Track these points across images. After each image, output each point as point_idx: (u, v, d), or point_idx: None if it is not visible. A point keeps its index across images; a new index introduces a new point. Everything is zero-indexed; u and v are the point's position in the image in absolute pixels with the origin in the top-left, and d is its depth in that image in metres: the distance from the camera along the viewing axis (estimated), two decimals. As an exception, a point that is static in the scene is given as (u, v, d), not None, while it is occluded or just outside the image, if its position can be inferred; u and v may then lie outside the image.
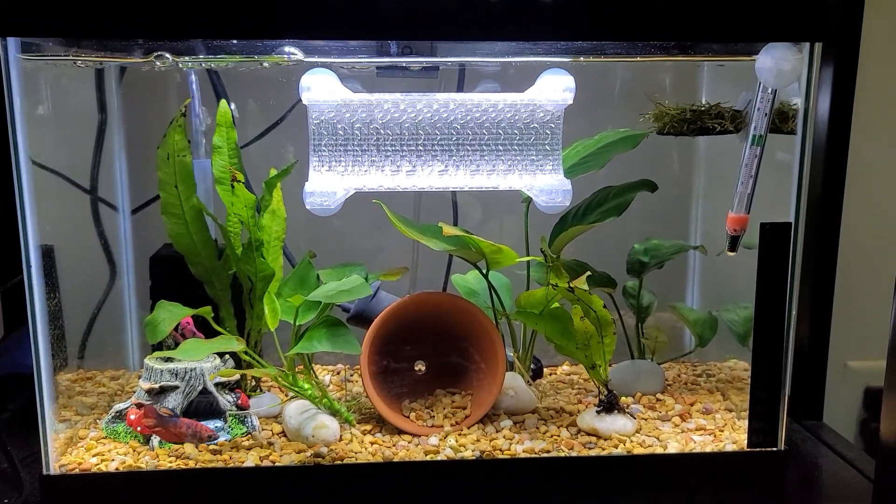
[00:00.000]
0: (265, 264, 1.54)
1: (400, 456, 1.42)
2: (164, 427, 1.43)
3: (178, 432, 1.43)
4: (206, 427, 1.46)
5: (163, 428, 1.43)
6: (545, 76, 1.46)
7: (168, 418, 1.43)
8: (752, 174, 1.43)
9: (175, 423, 1.43)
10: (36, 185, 1.32)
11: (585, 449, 1.45)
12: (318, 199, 1.45)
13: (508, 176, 1.48)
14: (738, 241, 1.47)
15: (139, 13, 1.24)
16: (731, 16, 1.30)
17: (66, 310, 1.47)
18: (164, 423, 1.43)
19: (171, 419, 1.43)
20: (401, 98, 1.44)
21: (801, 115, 1.37)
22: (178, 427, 1.43)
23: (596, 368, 1.53)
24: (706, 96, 1.78)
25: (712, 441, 1.49)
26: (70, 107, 1.71)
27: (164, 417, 1.43)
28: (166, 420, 1.43)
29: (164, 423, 1.43)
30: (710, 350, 1.82)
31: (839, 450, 1.58)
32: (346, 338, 1.49)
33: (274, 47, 1.48)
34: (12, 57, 1.25)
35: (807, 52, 1.34)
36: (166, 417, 1.43)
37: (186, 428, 1.44)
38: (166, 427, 1.43)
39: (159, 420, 1.43)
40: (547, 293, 1.54)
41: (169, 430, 1.43)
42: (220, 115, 1.55)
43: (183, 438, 1.44)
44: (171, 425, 1.43)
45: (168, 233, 1.57)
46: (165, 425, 1.43)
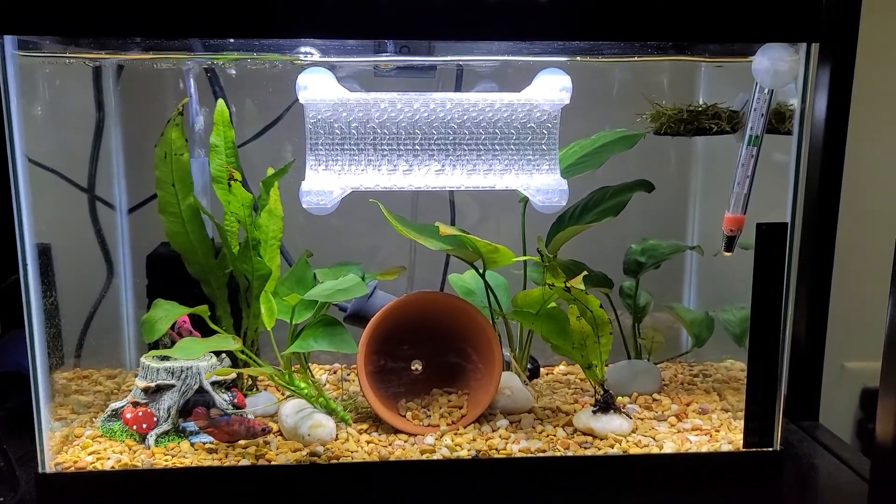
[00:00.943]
0: (262, 263, 1.54)
1: (396, 455, 1.42)
2: (217, 427, 1.41)
3: (230, 430, 1.41)
4: (257, 421, 1.43)
5: (215, 428, 1.41)
6: (542, 76, 1.46)
7: (219, 418, 1.41)
8: (749, 174, 1.43)
9: (227, 422, 1.41)
10: (33, 183, 1.32)
11: (581, 449, 1.45)
12: (314, 198, 1.45)
13: (505, 175, 1.48)
14: (734, 242, 1.47)
15: (137, 12, 1.24)
16: (727, 16, 1.30)
17: (62, 308, 1.47)
18: (216, 423, 1.40)
19: (223, 418, 1.41)
20: (398, 97, 1.44)
21: (798, 116, 1.37)
22: (231, 425, 1.41)
23: (592, 368, 1.53)
24: (703, 97, 1.78)
25: (708, 441, 1.49)
26: (67, 105, 1.71)
27: (216, 418, 1.40)
28: (218, 420, 1.41)
29: (216, 423, 1.40)
30: (707, 350, 1.82)
31: (835, 450, 1.59)
32: (343, 337, 1.49)
33: (271, 47, 1.48)
34: (9, 54, 1.25)
35: (803, 53, 1.34)
36: (217, 418, 1.41)
37: (239, 425, 1.41)
38: (219, 427, 1.41)
39: (211, 421, 1.40)
40: (543, 293, 1.54)
41: (221, 429, 1.41)
42: (217, 114, 1.55)
43: (236, 437, 1.41)
44: (224, 424, 1.40)
45: (165, 231, 1.57)
46: (218, 425, 1.40)
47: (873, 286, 1.66)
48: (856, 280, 1.89)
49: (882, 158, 1.97)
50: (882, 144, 1.96)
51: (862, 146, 1.74)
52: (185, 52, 1.53)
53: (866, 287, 1.87)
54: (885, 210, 1.97)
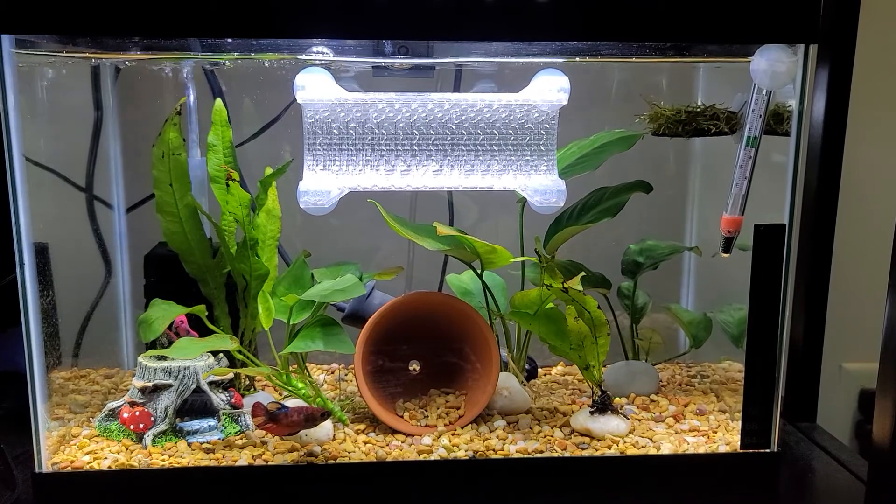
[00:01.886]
0: (259, 263, 1.54)
1: (393, 455, 1.42)
2: (276, 422, 1.38)
3: (290, 422, 1.38)
4: (315, 407, 1.40)
5: (275, 423, 1.38)
6: (540, 76, 1.46)
7: (277, 411, 1.37)
8: (747, 175, 1.43)
9: (286, 414, 1.38)
10: (30, 182, 1.31)
11: (579, 449, 1.45)
12: (312, 199, 1.45)
13: (503, 176, 1.48)
14: (732, 243, 1.47)
15: (135, 11, 1.24)
16: (726, 17, 1.30)
17: (60, 308, 1.47)
18: (274, 417, 1.38)
19: (281, 410, 1.38)
20: (395, 97, 1.44)
21: (796, 117, 1.37)
22: (290, 416, 1.38)
23: (590, 369, 1.53)
24: (702, 98, 1.78)
25: (706, 442, 1.49)
26: (66, 104, 1.71)
27: (274, 412, 1.37)
28: (276, 414, 1.38)
29: (274, 417, 1.38)
30: (705, 351, 1.82)
31: (832, 451, 1.59)
32: (340, 337, 1.49)
33: (269, 46, 1.48)
34: (6, 53, 1.25)
35: (801, 54, 1.34)
36: (275, 411, 1.37)
37: (298, 415, 1.38)
38: (278, 421, 1.38)
39: (269, 416, 1.38)
40: (541, 293, 1.54)
41: (281, 423, 1.38)
42: (215, 114, 1.55)
43: (298, 427, 1.39)
44: (282, 416, 1.38)
45: (163, 231, 1.57)
46: (277, 419, 1.38)
47: (871, 287, 1.66)
48: (854, 281, 1.89)
49: (880, 159, 1.97)
50: (880, 146, 1.96)
51: (860, 147, 1.74)
52: (183, 51, 1.53)
53: (864, 288, 1.87)
54: (882, 211, 1.97)
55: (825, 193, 1.65)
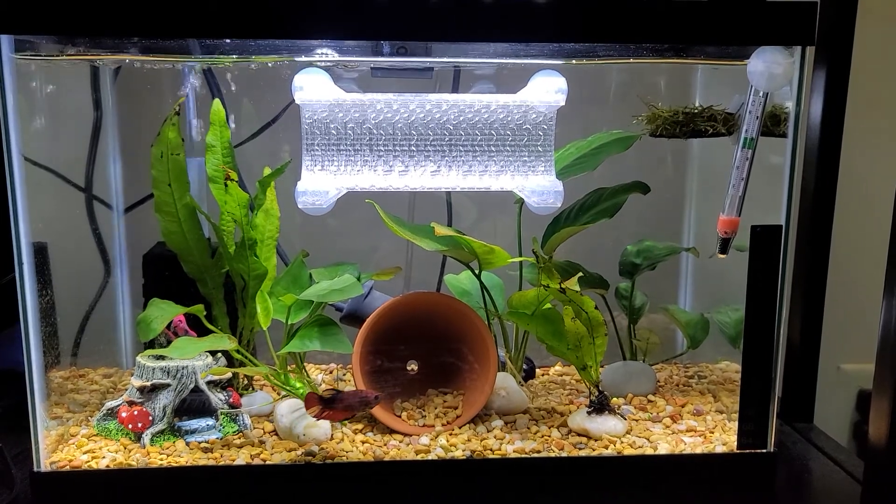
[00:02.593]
0: (258, 263, 1.55)
1: (391, 455, 1.43)
2: (331, 408, 1.39)
3: (345, 406, 1.39)
4: (369, 391, 1.42)
5: (331, 410, 1.39)
6: (538, 77, 1.47)
7: (331, 398, 1.39)
8: (744, 177, 1.43)
9: (341, 399, 1.39)
10: (30, 182, 1.32)
11: (576, 449, 1.46)
12: (310, 199, 1.45)
13: (500, 177, 1.48)
14: (729, 244, 1.47)
15: (133, 12, 1.24)
16: (723, 19, 1.31)
17: (58, 307, 1.47)
18: (329, 404, 1.38)
19: (336, 395, 1.39)
20: (393, 98, 1.44)
21: (793, 119, 1.38)
22: (345, 401, 1.39)
23: (587, 369, 1.53)
24: (699, 99, 1.78)
25: (702, 442, 1.50)
26: (65, 104, 1.71)
27: (328, 398, 1.38)
28: (331, 400, 1.38)
29: (329, 404, 1.38)
30: (702, 352, 1.82)
31: (829, 452, 1.59)
32: (338, 337, 1.49)
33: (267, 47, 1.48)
34: (5, 55, 1.26)
35: (798, 56, 1.35)
36: (329, 398, 1.39)
37: (353, 398, 1.40)
38: (333, 408, 1.39)
39: (324, 402, 1.38)
40: (539, 294, 1.54)
41: (336, 409, 1.39)
42: (213, 114, 1.55)
43: (354, 411, 1.40)
44: (338, 402, 1.39)
45: (161, 231, 1.57)
46: (332, 406, 1.38)
47: (868, 288, 1.66)
48: (851, 282, 1.90)
49: (877, 161, 1.97)
50: (877, 147, 1.97)
51: (857, 149, 1.74)
52: (182, 52, 1.54)
53: (861, 289, 1.88)
54: (879, 212, 1.97)
55: (822, 195, 1.65)
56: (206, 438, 1.47)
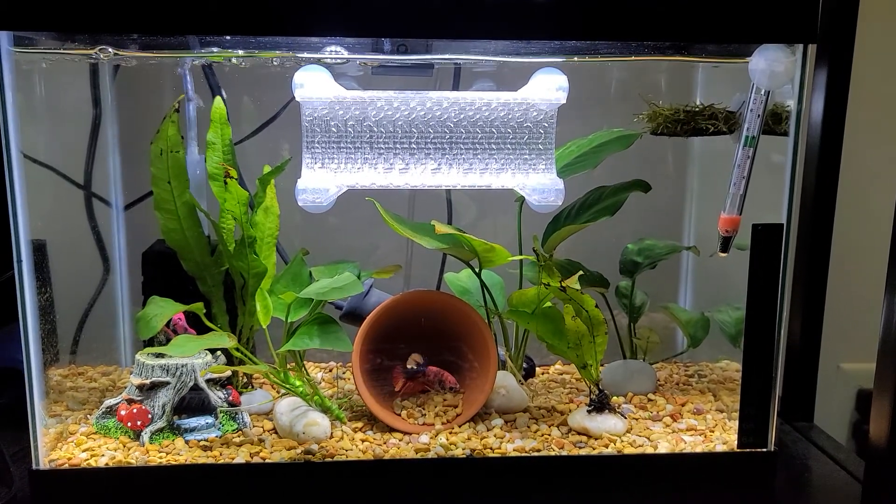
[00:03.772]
0: (258, 261, 1.54)
1: (390, 454, 1.42)
2: (413, 379, 1.50)
3: (425, 381, 1.49)
4: (450, 377, 1.50)
5: (411, 381, 1.50)
6: (539, 75, 1.46)
7: (415, 369, 1.48)
8: (745, 175, 1.43)
9: (423, 373, 1.48)
10: (29, 179, 1.31)
11: (576, 448, 1.45)
12: (310, 196, 1.45)
13: (501, 175, 1.48)
14: (730, 242, 1.47)
15: (133, 8, 1.24)
16: (724, 17, 1.30)
17: (57, 305, 1.47)
18: (411, 374, 1.48)
19: (419, 368, 1.48)
20: (394, 96, 1.44)
21: (794, 117, 1.37)
22: (427, 376, 1.48)
23: (587, 368, 1.53)
24: (700, 97, 1.78)
25: (703, 441, 1.49)
26: (64, 101, 1.71)
27: (411, 369, 1.47)
28: (414, 371, 1.47)
29: (411, 374, 1.48)
30: (702, 351, 1.82)
31: (829, 451, 1.59)
32: (338, 335, 1.49)
33: (268, 44, 1.48)
34: (4, 50, 1.25)
35: (800, 54, 1.35)
36: (412, 368, 1.47)
37: (434, 376, 1.49)
38: (414, 378, 1.48)
39: (407, 373, 1.48)
40: (539, 292, 1.54)
41: (417, 380, 1.48)
42: (214, 111, 1.55)
43: (431, 386, 1.49)
44: (419, 375, 1.48)
45: (161, 228, 1.57)
46: (413, 376, 1.48)
47: (869, 287, 1.66)
48: (852, 281, 1.89)
49: (878, 160, 1.97)
50: (878, 146, 1.96)
51: (858, 147, 1.74)
52: (182, 49, 1.53)
53: (862, 288, 1.87)
54: (880, 211, 1.97)
55: (823, 193, 1.65)
56: (206, 437, 1.47)
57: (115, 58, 1.53)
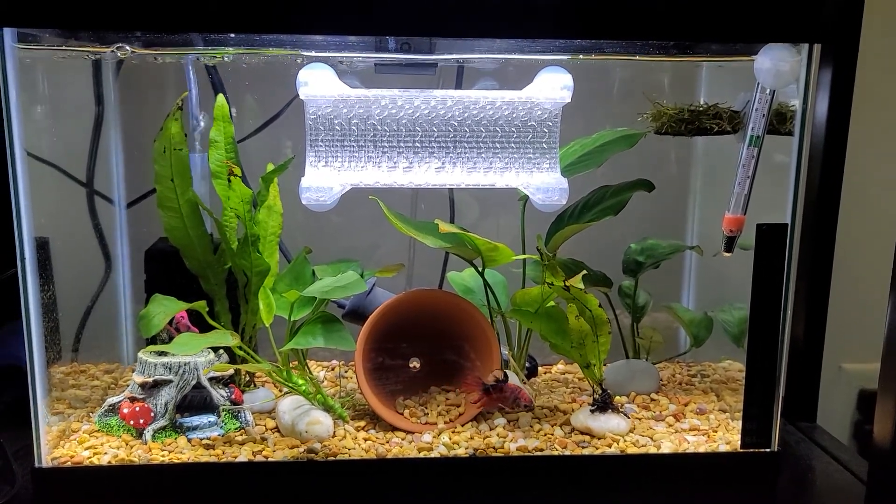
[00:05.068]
0: (261, 259, 1.54)
1: (393, 453, 1.42)
2: (489, 395, 1.46)
3: (501, 398, 1.47)
4: (526, 395, 1.48)
5: (487, 395, 1.46)
6: (543, 74, 1.46)
7: (494, 385, 1.46)
8: (750, 175, 1.43)
9: (500, 388, 1.46)
10: (32, 177, 1.31)
11: (579, 448, 1.45)
12: (314, 195, 1.45)
13: (505, 173, 1.48)
14: (734, 242, 1.47)
15: (137, 5, 1.24)
16: (729, 16, 1.30)
17: (60, 303, 1.46)
18: (490, 389, 1.46)
19: (499, 384, 1.46)
20: (398, 94, 1.44)
21: (799, 116, 1.37)
22: (503, 392, 1.46)
23: (590, 367, 1.53)
24: (704, 96, 1.78)
25: (706, 441, 1.49)
26: (67, 99, 1.71)
27: (489, 385, 1.46)
28: (492, 386, 1.46)
29: (490, 389, 1.46)
30: (705, 350, 1.82)
31: (832, 451, 1.59)
32: (341, 334, 1.49)
33: (272, 42, 1.47)
34: (8, 47, 1.25)
35: (805, 53, 1.34)
36: (492, 384, 1.46)
37: (510, 393, 1.47)
38: (490, 396, 1.46)
39: (486, 387, 1.46)
40: (542, 292, 1.54)
41: (492, 397, 1.47)
42: (217, 110, 1.54)
43: (505, 403, 1.48)
44: (496, 391, 1.46)
45: (164, 226, 1.57)
46: (489, 393, 1.46)
47: (872, 288, 1.66)
48: (855, 281, 1.89)
49: (883, 160, 1.96)
50: (883, 146, 1.96)
51: (863, 147, 1.73)
52: (185, 46, 1.53)
53: (865, 289, 1.87)
54: (885, 212, 1.97)
55: (827, 193, 1.64)
56: (208, 435, 1.47)
57: (126, 55, 1.53)
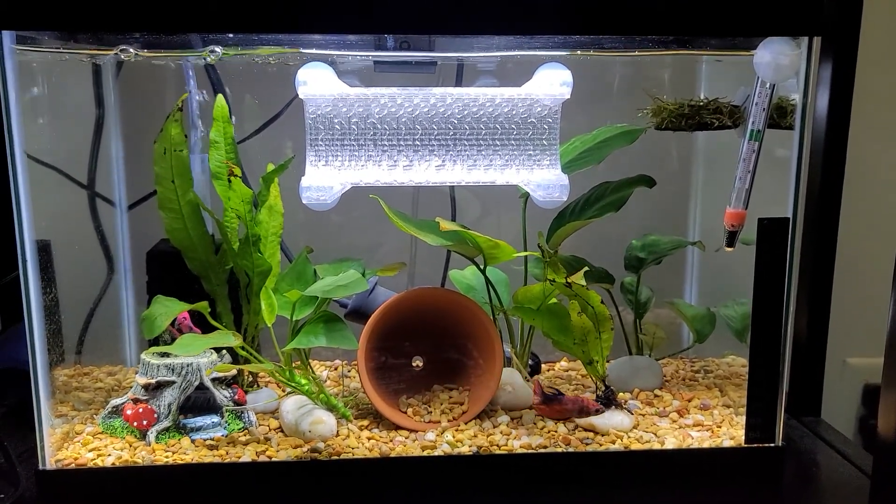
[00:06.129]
0: (262, 259, 1.54)
1: (397, 451, 1.42)
2: (548, 405, 1.47)
3: (561, 409, 1.46)
4: (591, 403, 1.48)
5: (546, 406, 1.47)
6: (542, 70, 1.46)
7: (552, 396, 1.46)
8: (750, 169, 1.42)
9: (559, 401, 1.46)
10: (32, 179, 1.31)
11: (583, 445, 1.45)
12: (314, 194, 1.45)
13: (506, 171, 1.48)
14: (735, 237, 1.47)
15: (136, 6, 1.24)
16: (729, 10, 1.30)
17: (62, 305, 1.47)
18: (547, 400, 1.46)
19: (557, 397, 1.46)
20: (397, 92, 1.44)
21: (799, 110, 1.37)
22: (563, 405, 1.46)
23: (593, 364, 1.53)
24: (704, 91, 1.78)
25: (710, 437, 1.49)
26: (67, 101, 1.71)
27: (548, 395, 1.46)
28: (550, 398, 1.46)
29: (547, 400, 1.46)
30: (708, 346, 1.81)
31: (837, 446, 1.58)
32: (343, 333, 1.49)
33: (270, 41, 1.47)
34: (7, 49, 1.25)
35: (805, 47, 1.34)
36: (550, 395, 1.46)
37: (571, 405, 1.46)
38: (549, 406, 1.47)
39: (544, 398, 1.46)
40: (544, 289, 1.54)
41: (552, 408, 1.46)
42: (216, 110, 1.54)
43: (568, 414, 1.47)
44: (555, 403, 1.46)
45: (165, 228, 1.57)
46: (548, 403, 1.46)
47: (875, 282, 1.65)
48: (858, 275, 1.89)
49: (884, 153, 1.96)
50: (884, 139, 1.95)
51: (864, 141, 1.73)
52: (184, 47, 1.53)
53: (868, 282, 1.87)
54: (887, 205, 1.97)
55: (829, 187, 1.64)
56: (212, 436, 1.47)
57: (130, 58, 1.53)
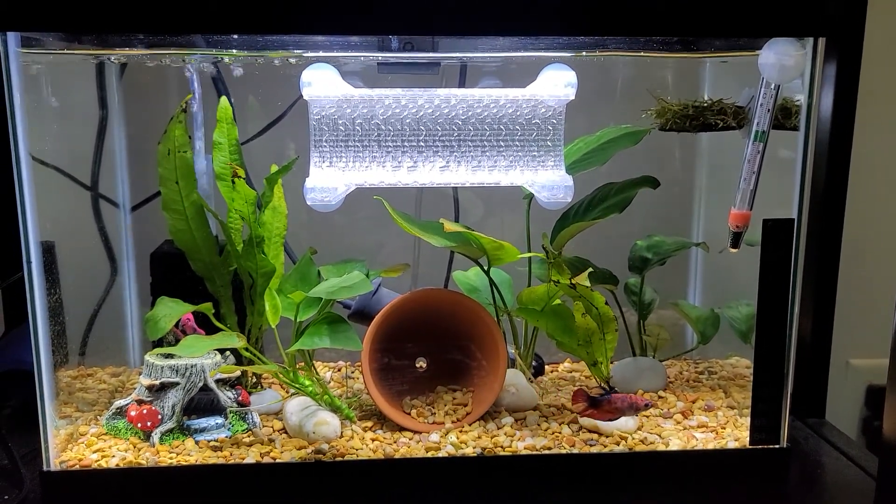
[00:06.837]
0: (266, 261, 1.54)
1: (401, 453, 1.42)
2: (597, 408, 1.45)
3: (612, 408, 1.45)
4: (639, 398, 1.47)
5: (595, 409, 1.45)
6: (547, 71, 1.46)
7: (600, 398, 1.45)
8: (755, 170, 1.42)
9: (608, 401, 1.45)
10: (36, 181, 1.31)
11: (587, 446, 1.45)
12: (318, 195, 1.45)
13: (510, 172, 1.47)
14: (740, 238, 1.47)
15: (140, 7, 1.24)
16: (734, 11, 1.30)
17: (66, 306, 1.47)
18: (595, 403, 1.45)
19: (604, 397, 1.45)
20: (402, 93, 1.44)
21: (804, 111, 1.36)
22: (613, 403, 1.45)
23: (597, 365, 1.53)
24: (709, 92, 1.77)
25: (714, 438, 1.49)
26: (71, 103, 1.71)
27: (596, 397, 1.45)
28: (598, 400, 1.45)
29: (595, 403, 1.45)
30: (712, 347, 1.81)
31: (842, 447, 1.58)
32: (347, 334, 1.49)
33: (275, 43, 1.47)
34: (12, 51, 1.25)
35: (810, 48, 1.34)
36: (598, 397, 1.45)
37: (622, 402, 1.45)
38: (599, 408, 1.45)
39: (590, 401, 1.45)
40: (548, 290, 1.54)
41: (602, 409, 1.45)
42: (220, 111, 1.54)
43: (620, 413, 1.46)
44: (605, 403, 1.45)
45: (169, 229, 1.57)
46: (598, 406, 1.45)
47: (879, 283, 1.65)
48: (862, 276, 1.88)
49: (889, 154, 1.96)
50: (889, 140, 1.95)
51: (868, 142, 1.73)
52: (188, 48, 1.53)
53: (872, 284, 1.86)
54: (891, 207, 1.97)
55: (834, 188, 1.64)
56: (216, 437, 1.47)
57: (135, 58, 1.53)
